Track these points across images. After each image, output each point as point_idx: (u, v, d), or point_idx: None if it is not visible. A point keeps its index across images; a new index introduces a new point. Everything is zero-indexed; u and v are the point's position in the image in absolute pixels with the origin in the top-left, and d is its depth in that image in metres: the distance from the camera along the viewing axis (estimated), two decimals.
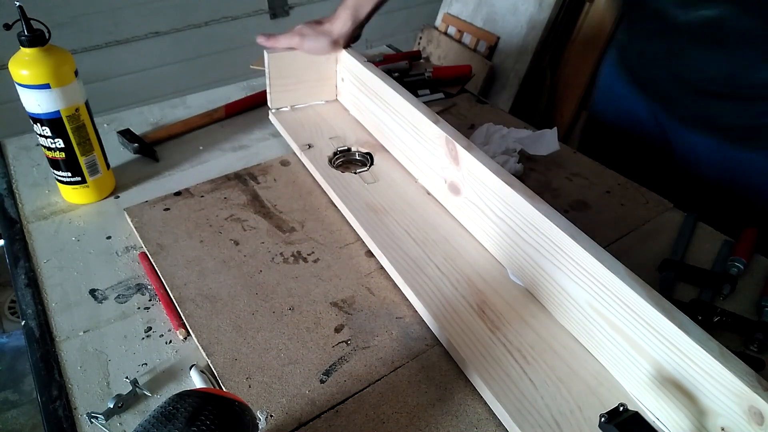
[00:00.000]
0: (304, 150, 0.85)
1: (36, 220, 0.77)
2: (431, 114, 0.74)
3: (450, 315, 0.61)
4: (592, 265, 0.54)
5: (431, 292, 0.63)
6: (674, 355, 0.48)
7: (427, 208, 0.76)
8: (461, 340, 0.58)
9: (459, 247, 0.70)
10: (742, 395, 0.43)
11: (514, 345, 0.58)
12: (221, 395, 0.41)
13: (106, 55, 1.84)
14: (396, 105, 0.80)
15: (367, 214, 0.73)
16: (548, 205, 0.59)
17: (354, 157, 0.87)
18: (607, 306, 0.54)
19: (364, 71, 0.86)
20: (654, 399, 0.51)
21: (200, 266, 0.68)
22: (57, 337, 0.61)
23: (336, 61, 0.93)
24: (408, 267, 0.66)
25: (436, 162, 0.75)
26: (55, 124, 0.72)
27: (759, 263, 0.71)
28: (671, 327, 0.47)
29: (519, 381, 0.54)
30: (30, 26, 0.67)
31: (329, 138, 0.88)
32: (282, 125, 0.91)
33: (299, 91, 0.94)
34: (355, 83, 0.91)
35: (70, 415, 0.53)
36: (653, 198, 0.82)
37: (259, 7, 2.05)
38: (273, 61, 0.88)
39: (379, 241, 0.69)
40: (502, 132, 0.89)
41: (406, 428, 0.52)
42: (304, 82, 0.93)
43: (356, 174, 0.81)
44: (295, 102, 0.95)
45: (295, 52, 0.89)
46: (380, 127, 0.87)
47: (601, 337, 0.56)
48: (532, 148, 0.86)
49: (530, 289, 0.64)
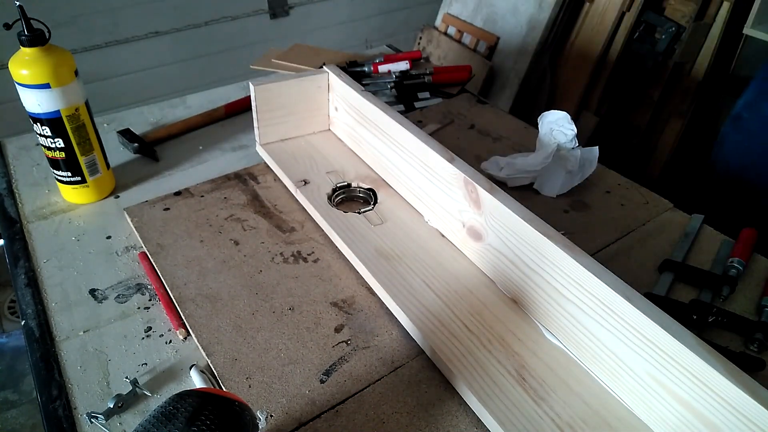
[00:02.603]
0: (299, 187, 0.78)
1: (36, 220, 0.77)
2: (445, 151, 0.67)
3: (489, 388, 0.53)
4: (653, 332, 0.47)
5: (461, 356, 0.56)
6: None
7: (443, 253, 0.69)
8: (504, 415, 0.51)
9: (486, 300, 0.62)
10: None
11: (564, 420, 0.51)
12: (221, 395, 0.41)
13: (106, 55, 1.84)
14: (401, 139, 0.73)
15: (378, 262, 0.66)
16: (593, 258, 0.53)
17: (355, 194, 0.80)
18: (673, 378, 0.47)
19: (361, 101, 0.79)
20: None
21: (200, 266, 0.68)
22: (57, 337, 0.61)
23: (328, 89, 0.87)
24: (432, 326, 0.59)
25: (451, 204, 0.68)
26: (55, 123, 0.72)
27: (759, 263, 0.71)
28: (755, 406, 0.41)
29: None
30: (30, 26, 0.67)
31: (326, 172, 0.81)
32: (272, 158, 0.84)
33: (289, 123, 0.87)
34: (350, 113, 0.84)
35: (70, 415, 0.53)
36: (653, 198, 0.82)
37: (259, 7, 2.05)
38: (260, 93, 0.81)
39: (396, 295, 0.62)
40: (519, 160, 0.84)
41: (406, 428, 0.52)
42: (294, 114, 0.87)
43: (360, 214, 0.74)
44: (284, 135, 0.88)
45: (283, 82, 0.82)
46: (382, 162, 0.80)
47: (662, 409, 0.49)
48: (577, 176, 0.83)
49: (573, 351, 0.57)
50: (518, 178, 0.83)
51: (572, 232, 0.75)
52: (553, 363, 0.56)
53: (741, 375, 0.43)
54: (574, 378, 0.55)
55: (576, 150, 0.81)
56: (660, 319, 0.47)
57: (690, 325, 0.60)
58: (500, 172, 0.83)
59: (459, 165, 0.65)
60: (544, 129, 0.83)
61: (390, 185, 0.80)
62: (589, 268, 0.52)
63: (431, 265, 0.67)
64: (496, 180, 0.84)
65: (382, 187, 0.80)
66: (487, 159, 0.87)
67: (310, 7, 2.14)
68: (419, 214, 0.75)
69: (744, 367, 0.44)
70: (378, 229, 0.72)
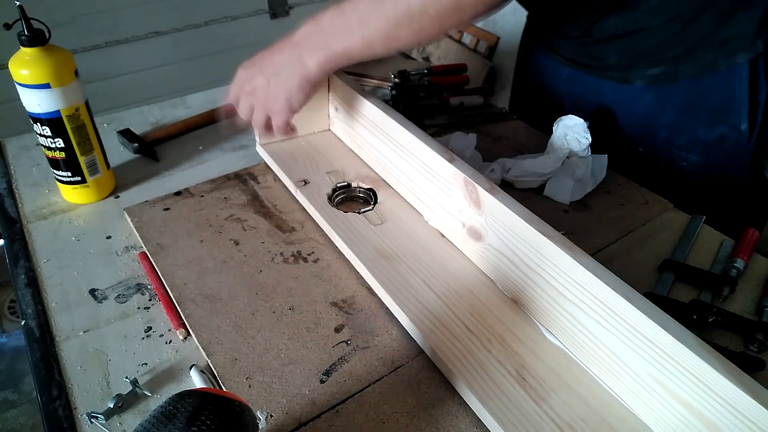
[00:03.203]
0: (299, 187, 0.78)
1: (36, 220, 0.77)
2: (444, 151, 0.68)
3: (488, 386, 0.53)
4: (653, 332, 0.47)
5: (461, 356, 0.56)
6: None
7: (443, 254, 0.69)
8: (504, 415, 0.51)
9: (486, 300, 0.62)
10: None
11: (564, 420, 0.51)
12: (221, 395, 0.41)
13: (106, 55, 1.84)
14: (401, 139, 0.73)
15: (379, 263, 0.66)
16: (593, 258, 0.52)
17: (355, 194, 0.80)
18: (674, 379, 0.47)
19: (361, 101, 0.79)
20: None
21: (200, 266, 0.68)
22: (57, 337, 0.61)
23: (328, 89, 0.87)
24: (432, 326, 0.59)
25: (451, 204, 0.68)
26: (55, 123, 0.72)
27: (759, 263, 0.71)
28: (755, 406, 0.41)
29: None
30: (30, 26, 0.67)
31: (326, 172, 0.81)
32: (273, 159, 0.83)
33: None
34: (350, 113, 0.84)
35: (70, 415, 0.53)
36: (653, 198, 0.82)
37: (259, 7, 2.05)
38: None
39: (396, 295, 0.62)
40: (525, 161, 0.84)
41: (406, 428, 0.52)
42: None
43: (360, 214, 0.74)
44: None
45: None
46: (382, 162, 0.80)
47: (663, 410, 0.49)
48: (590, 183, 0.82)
49: (573, 351, 0.57)
50: (527, 181, 0.83)
51: (572, 232, 0.75)
52: (553, 363, 0.56)
53: (741, 375, 0.43)
54: (574, 378, 0.55)
55: (587, 158, 0.81)
56: (660, 319, 0.47)
57: (690, 325, 0.60)
58: (507, 174, 0.83)
59: (459, 165, 0.65)
60: (558, 132, 0.83)
61: (390, 185, 0.80)
62: (589, 268, 0.51)
63: (431, 265, 0.67)
64: (502, 181, 0.84)
65: (382, 187, 0.80)
66: (487, 159, 0.87)
67: (310, 7, 2.14)
68: (419, 214, 0.75)
69: (744, 367, 0.44)
70: (378, 229, 0.72)
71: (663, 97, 0.84)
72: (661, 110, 0.85)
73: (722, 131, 0.84)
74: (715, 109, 0.83)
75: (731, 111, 0.82)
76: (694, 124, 0.84)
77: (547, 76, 1.00)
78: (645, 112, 0.87)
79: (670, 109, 0.85)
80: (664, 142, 0.88)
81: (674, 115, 0.85)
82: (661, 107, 0.85)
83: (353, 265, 0.68)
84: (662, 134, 0.87)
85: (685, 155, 0.87)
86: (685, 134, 0.85)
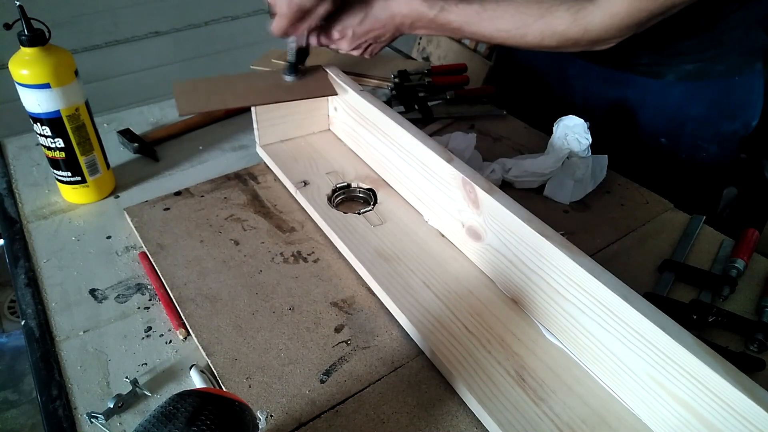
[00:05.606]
0: (299, 188, 0.78)
1: (36, 220, 0.77)
2: (443, 151, 0.67)
3: (487, 387, 0.53)
4: (652, 334, 0.47)
5: (460, 356, 0.56)
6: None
7: (443, 254, 0.69)
8: (503, 416, 0.51)
9: (486, 301, 0.62)
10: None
11: (563, 420, 0.51)
12: (221, 395, 0.41)
13: (106, 55, 1.84)
14: (400, 140, 0.73)
15: (378, 264, 0.66)
16: (591, 259, 0.52)
17: (355, 194, 0.80)
18: (673, 379, 0.47)
19: (360, 101, 0.79)
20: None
21: (200, 266, 0.68)
22: (57, 336, 0.61)
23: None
24: (432, 327, 0.59)
25: (450, 204, 0.68)
26: (55, 123, 0.72)
27: (759, 263, 0.71)
28: (754, 408, 0.41)
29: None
30: (30, 26, 0.67)
31: (326, 173, 0.81)
32: (273, 160, 0.83)
33: (288, 123, 0.87)
34: (349, 113, 0.84)
35: (70, 415, 0.53)
36: (653, 198, 0.82)
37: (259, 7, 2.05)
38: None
39: (395, 296, 0.62)
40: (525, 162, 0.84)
41: (406, 428, 0.52)
42: (293, 114, 0.86)
43: (360, 214, 0.74)
44: (284, 136, 0.88)
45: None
46: (381, 162, 0.80)
47: (662, 410, 0.49)
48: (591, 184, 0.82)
49: (573, 351, 0.57)
50: (526, 181, 0.82)
51: (572, 232, 0.75)
52: (552, 363, 0.56)
53: (739, 376, 0.43)
54: (574, 378, 0.55)
55: (587, 158, 0.81)
56: (659, 321, 0.47)
57: (690, 325, 0.60)
58: (507, 174, 0.83)
59: (457, 165, 0.65)
60: (558, 133, 0.82)
61: (390, 185, 0.80)
62: (587, 268, 0.51)
63: (431, 265, 0.67)
64: (502, 182, 0.84)
65: (382, 187, 0.80)
66: (487, 159, 0.87)
67: None
68: (419, 215, 0.75)
69: (744, 367, 0.45)
70: (378, 229, 0.72)
71: (695, 91, 0.88)
72: (691, 104, 0.89)
73: (737, 126, 0.90)
74: (738, 106, 0.89)
75: (748, 108, 0.89)
76: (720, 118, 0.90)
77: (550, 72, 1.02)
78: (674, 105, 0.90)
79: (699, 104, 0.89)
80: (690, 134, 0.92)
81: (703, 109, 0.89)
82: (691, 101, 0.89)
83: (353, 266, 0.68)
84: (690, 126, 0.91)
85: (707, 146, 0.92)
86: (711, 127, 0.90)
